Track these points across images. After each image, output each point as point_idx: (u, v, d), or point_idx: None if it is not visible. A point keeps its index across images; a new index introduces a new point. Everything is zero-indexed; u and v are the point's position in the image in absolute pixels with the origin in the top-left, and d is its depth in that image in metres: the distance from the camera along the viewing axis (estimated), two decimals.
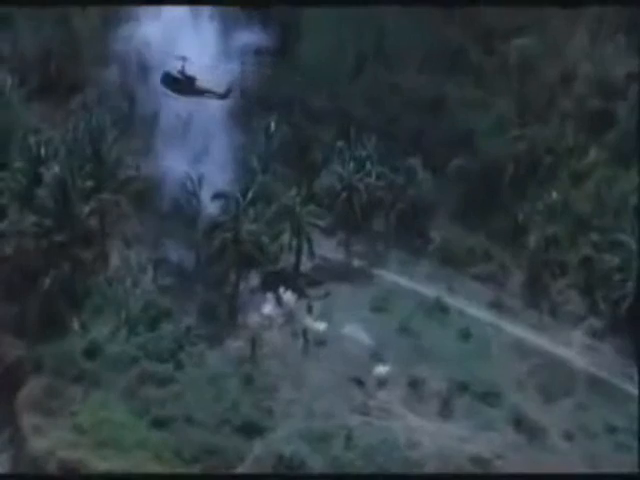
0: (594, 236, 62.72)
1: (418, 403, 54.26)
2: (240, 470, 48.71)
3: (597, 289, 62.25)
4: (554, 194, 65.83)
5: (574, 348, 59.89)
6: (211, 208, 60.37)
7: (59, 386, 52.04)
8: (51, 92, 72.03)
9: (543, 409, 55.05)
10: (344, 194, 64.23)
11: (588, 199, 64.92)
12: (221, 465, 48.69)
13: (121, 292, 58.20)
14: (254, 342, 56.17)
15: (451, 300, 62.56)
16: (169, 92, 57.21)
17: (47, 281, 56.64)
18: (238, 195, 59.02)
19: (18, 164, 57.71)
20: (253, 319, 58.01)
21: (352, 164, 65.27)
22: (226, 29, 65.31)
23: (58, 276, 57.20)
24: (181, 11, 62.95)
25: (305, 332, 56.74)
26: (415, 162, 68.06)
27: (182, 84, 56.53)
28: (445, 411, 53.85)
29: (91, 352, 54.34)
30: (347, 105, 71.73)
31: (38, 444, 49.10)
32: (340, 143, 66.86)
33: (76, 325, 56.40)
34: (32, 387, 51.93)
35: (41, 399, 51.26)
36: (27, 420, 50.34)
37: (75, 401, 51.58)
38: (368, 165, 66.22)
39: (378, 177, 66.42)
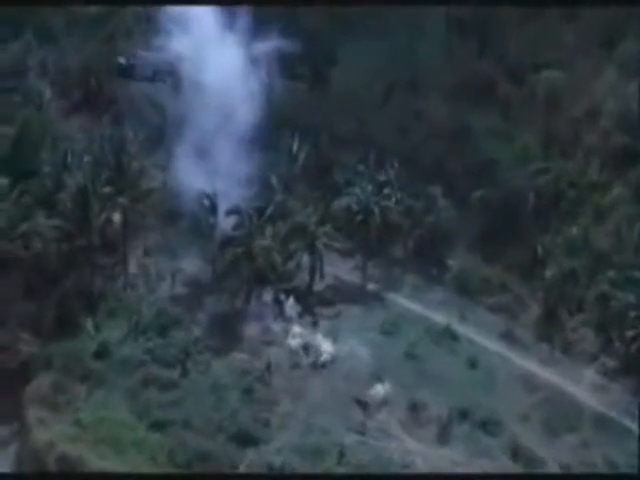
0: (611, 273, 62.13)
1: (416, 427, 54.09)
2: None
3: (612, 327, 61.51)
4: (574, 229, 65.53)
5: (583, 385, 59.07)
6: (227, 223, 61.74)
7: (66, 383, 53.48)
8: (90, 105, 75.16)
9: (544, 442, 54.27)
10: (359, 217, 64.96)
11: (608, 235, 64.38)
12: (212, 472, 49.31)
13: (135, 298, 59.86)
14: (259, 356, 57.02)
15: (462, 328, 62.40)
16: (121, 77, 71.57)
17: (66, 283, 58.68)
18: (251, 211, 60.24)
19: (46, 170, 60.19)
20: (261, 333, 58.79)
21: (370, 187, 66.03)
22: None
23: (77, 279, 59.23)
24: (213, 25, 65.74)
25: (310, 350, 57.23)
26: (435, 190, 68.64)
27: (126, 70, 71.08)
28: (443, 436, 53.62)
29: (100, 353, 55.77)
30: (372, 131, 72.92)
31: (40, 436, 50.51)
32: (361, 167, 67.86)
33: (90, 327, 58.03)
34: (40, 382, 53.53)
35: (48, 394, 52.74)
36: (32, 413, 51.86)
37: (80, 398, 52.95)
38: (387, 190, 66.98)
39: (397, 202, 67.17)
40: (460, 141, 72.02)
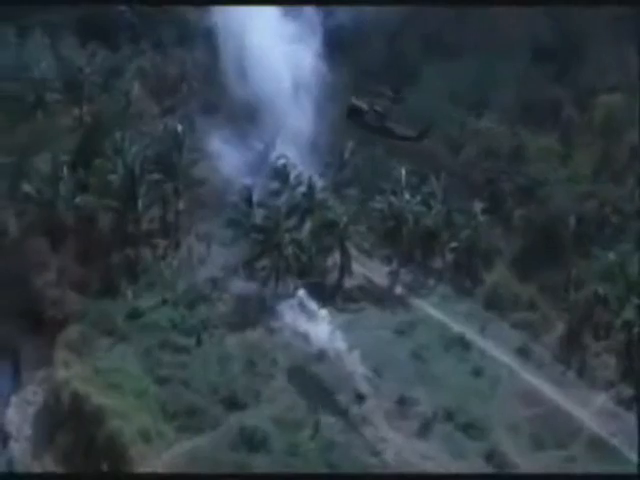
0: (638, 300, 60.26)
1: (399, 419, 55.37)
2: (210, 435, 53.28)
3: (635, 356, 59.61)
4: (611, 255, 64.06)
5: (590, 409, 57.50)
6: (263, 215, 66.21)
7: (94, 335, 60.32)
8: (182, 108, 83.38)
9: (526, 453, 53.62)
10: (391, 222, 67.23)
11: None
12: (194, 425, 53.75)
13: (173, 276, 65.87)
14: (270, 336, 60.73)
15: (478, 339, 62.74)
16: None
17: (115, 255, 65.96)
18: (280, 205, 64.35)
19: (108, 153, 67.93)
20: (275, 317, 62.44)
21: (408, 196, 68.10)
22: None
23: (126, 253, 66.33)
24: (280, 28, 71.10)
25: (303, 339, 59.95)
26: (477, 205, 69.58)
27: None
28: (422, 431, 54.44)
29: (131, 316, 62.07)
30: (430, 144, 75.08)
31: (60, 374, 57.63)
32: (397, 176, 70.07)
33: (130, 295, 64.62)
34: (71, 331, 60.74)
35: (76, 342, 59.86)
36: (60, 355, 59.07)
37: (102, 349, 59.53)
38: (428, 200, 68.78)
39: (437, 214, 68.85)
40: (513, 160, 72.97)
